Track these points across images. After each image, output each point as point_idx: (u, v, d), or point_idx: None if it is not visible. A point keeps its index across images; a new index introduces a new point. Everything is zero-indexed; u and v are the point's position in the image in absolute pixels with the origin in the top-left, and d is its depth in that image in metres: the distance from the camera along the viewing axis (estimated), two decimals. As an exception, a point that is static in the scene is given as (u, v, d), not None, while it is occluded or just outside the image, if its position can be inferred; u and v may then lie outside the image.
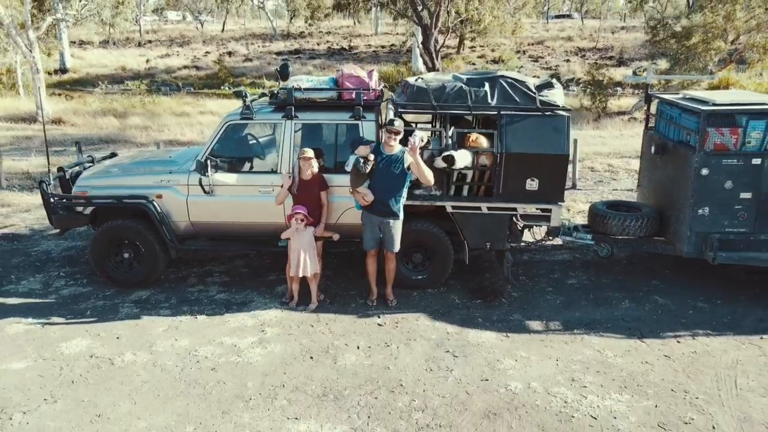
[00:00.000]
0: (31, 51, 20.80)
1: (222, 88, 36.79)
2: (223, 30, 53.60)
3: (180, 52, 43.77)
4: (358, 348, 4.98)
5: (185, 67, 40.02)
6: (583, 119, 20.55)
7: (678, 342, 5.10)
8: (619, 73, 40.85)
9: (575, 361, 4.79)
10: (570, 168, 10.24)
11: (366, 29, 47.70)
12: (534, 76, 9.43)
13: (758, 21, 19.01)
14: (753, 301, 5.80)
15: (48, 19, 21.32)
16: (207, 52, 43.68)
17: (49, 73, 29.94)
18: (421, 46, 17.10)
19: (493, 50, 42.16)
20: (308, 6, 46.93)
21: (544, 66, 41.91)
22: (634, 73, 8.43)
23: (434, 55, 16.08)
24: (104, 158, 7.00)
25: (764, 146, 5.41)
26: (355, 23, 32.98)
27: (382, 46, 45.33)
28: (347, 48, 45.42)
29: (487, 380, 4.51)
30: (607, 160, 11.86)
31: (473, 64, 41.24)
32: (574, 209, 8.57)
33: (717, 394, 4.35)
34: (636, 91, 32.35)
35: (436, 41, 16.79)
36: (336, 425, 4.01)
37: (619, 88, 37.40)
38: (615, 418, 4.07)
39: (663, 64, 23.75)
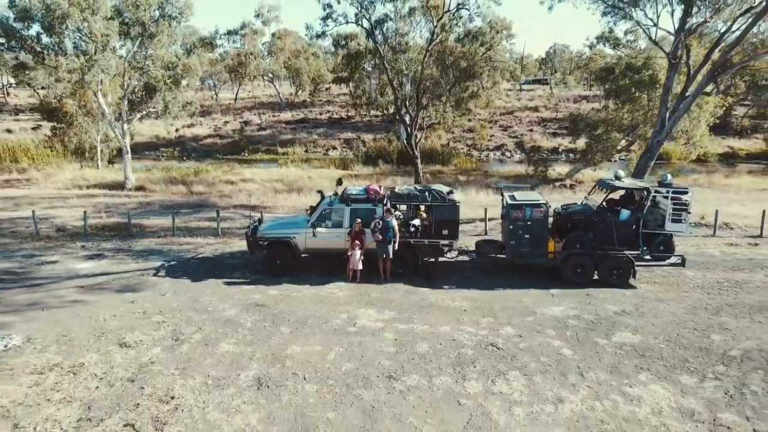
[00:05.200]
0: (123, 137, 30.51)
1: (242, 154, 46.51)
2: (235, 100, 64.25)
3: (203, 122, 53.66)
4: (377, 293, 14.28)
5: (210, 136, 49.83)
6: (524, 186, 30.24)
7: (500, 291, 14.46)
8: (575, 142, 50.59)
9: (455, 297, 14.19)
10: (483, 224, 19.89)
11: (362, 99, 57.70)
12: (446, 184, 19.09)
13: (637, 121, 29.27)
14: (539, 279, 15.22)
15: (137, 115, 31.08)
16: (226, 122, 53.61)
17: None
18: (404, 141, 26.99)
19: (469, 120, 51.96)
20: (312, 81, 57.37)
21: (512, 134, 52.08)
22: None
23: (414, 148, 25.88)
24: (259, 220, 16.46)
25: (531, 217, 14.92)
26: (352, 94, 43.22)
27: (376, 116, 55.55)
28: (346, 117, 55.67)
29: (423, 299, 13.85)
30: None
31: (452, 132, 51.65)
32: (479, 245, 18.01)
33: (499, 302, 13.71)
34: (578, 156, 42.04)
35: (416, 137, 26.62)
36: (372, 310, 13.27)
37: (571, 154, 47.50)
38: (461, 307, 13.41)
39: (581, 143, 33.91)
